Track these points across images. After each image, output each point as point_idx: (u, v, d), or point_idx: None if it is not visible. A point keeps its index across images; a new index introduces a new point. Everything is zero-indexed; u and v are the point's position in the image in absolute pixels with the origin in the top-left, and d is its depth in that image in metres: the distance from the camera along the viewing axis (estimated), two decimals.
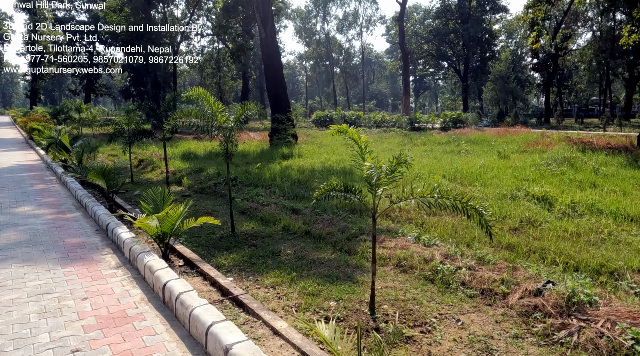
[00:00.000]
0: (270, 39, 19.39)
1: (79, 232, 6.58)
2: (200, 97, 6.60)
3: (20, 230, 6.72)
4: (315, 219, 7.61)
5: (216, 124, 6.57)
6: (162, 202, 5.15)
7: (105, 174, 6.95)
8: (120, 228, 5.94)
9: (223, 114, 6.65)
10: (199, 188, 11.01)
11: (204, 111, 6.66)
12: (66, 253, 5.62)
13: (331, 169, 13.05)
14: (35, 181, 10.94)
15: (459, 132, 29.97)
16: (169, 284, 3.96)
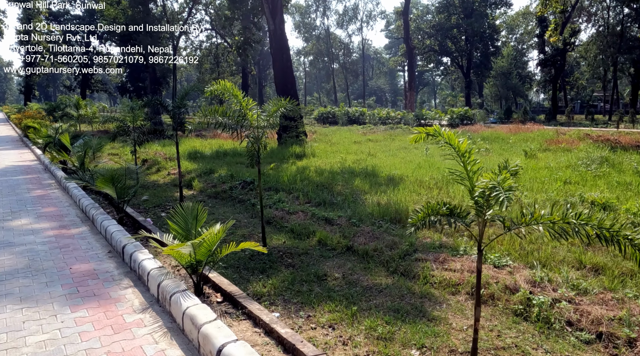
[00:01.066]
0: (280, 32, 18.39)
1: (88, 254, 5.50)
2: (227, 91, 5.64)
3: (16, 252, 5.62)
4: (354, 231, 6.68)
5: (247, 123, 5.62)
6: (195, 221, 4.19)
7: (115, 180, 5.99)
8: (140, 252, 4.90)
9: (254, 111, 5.69)
10: (213, 192, 10.06)
11: (232, 108, 5.70)
12: (75, 287, 4.51)
13: (352, 171, 12.10)
14: (32, 186, 9.94)
15: (469, 129, 29.09)
16: (228, 352, 2.91)
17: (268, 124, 5.77)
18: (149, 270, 4.27)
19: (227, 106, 5.84)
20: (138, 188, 6.66)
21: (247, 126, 5.66)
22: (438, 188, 9.77)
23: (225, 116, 5.64)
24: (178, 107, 7.92)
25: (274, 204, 8.54)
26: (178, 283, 3.79)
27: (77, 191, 7.98)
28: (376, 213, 7.60)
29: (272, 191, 9.77)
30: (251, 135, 5.82)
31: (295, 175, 11.39)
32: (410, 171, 11.77)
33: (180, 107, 7.94)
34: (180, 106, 7.96)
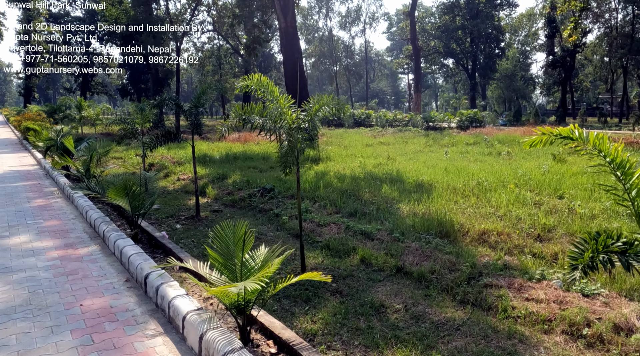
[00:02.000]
0: (292, 30, 17.61)
1: (102, 284, 4.50)
2: (262, 87, 4.83)
3: (14, 281, 4.60)
4: (399, 248, 5.86)
5: (285, 123, 4.80)
6: (242, 247, 3.35)
7: (129, 191, 5.17)
8: (168, 285, 3.87)
9: (293, 110, 4.89)
10: (229, 201, 9.24)
11: (268, 108, 4.89)
12: (89, 335, 3.50)
13: (375, 176, 11.29)
14: (32, 194, 9.10)
15: (481, 132, 28.34)
16: None
17: (309, 125, 4.95)
18: (185, 314, 3.32)
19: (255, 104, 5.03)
20: (155, 199, 5.84)
21: (285, 127, 4.84)
22: (475, 196, 8.96)
23: (263, 116, 4.82)
24: (196, 107, 7.11)
25: (301, 215, 7.71)
26: (229, 337, 2.83)
27: (84, 201, 7.13)
28: (418, 226, 6.78)
29: (295, 199, 8.93)
30: (287, 138, 5.00)
31: (316, 181, 10.57)
32: (438, 176, 10.96)
33: (197, 107, 7.13)
34: (197, 106, 7.14)
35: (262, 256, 3.34)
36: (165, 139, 7.41)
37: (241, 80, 4.96)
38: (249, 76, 4.92)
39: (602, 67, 58.17)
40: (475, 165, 13.18)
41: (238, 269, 3.16)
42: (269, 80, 4.92)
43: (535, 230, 6.64)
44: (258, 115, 4.85)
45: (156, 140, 7.38)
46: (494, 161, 14.44)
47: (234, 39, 55.18)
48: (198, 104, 7.35)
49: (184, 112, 7.53)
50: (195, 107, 7.11)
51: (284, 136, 4.85)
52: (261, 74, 5.13)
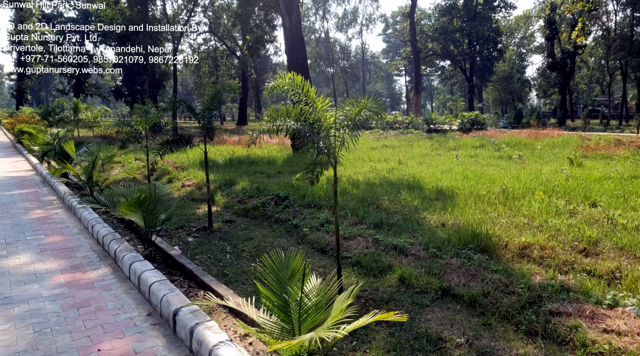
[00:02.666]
0: (296, 30, 17.06)
1: (120, 319, 3.78)
2: (295, 87, 4.28)
3: (16, 317, 3.84)
4: (440, 265, 5.32)
5: (323, 128, 4.26)
6: (300, 284, 2.76)
7: (143, 205, 4.58)
8: (206, 328, 3.13)
9: (330, 113, 4.34)
10: (241, 210, 8.66)
11: (299, 109, 4.35)
12: None
13: (391, 182, 10.76)
14: (30, 204, 8.45)
15: (485, 135, 27.95)
16: None
17: (349, 129, 4.41)
18: None
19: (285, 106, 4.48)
20: (172, 215, 5.24)
21: (323, 133, 4.29)
22: (502, 204, 8.46)
23: (299, 121, 4.27)
24: (209, 110, 6.54)
25: (322, 226, 7.16)
26: None
27: (88, 213, 6.50)
28: (454, 239, 6.24)
29: (313, 208, 8.39)
30: (319, 143, 4.45)
31: (329, 187, 10.01)
32: (457, 182, 10.45)
33: (211, 110, 6.56)
34: (211, 109, 6.57)
35: (316, 290, 2.77)
36: (177, 144, 6.83)
37: (272, 80, 4.40)
38: (281, 74, 4.38)
39: (599, 70, 58.15)
40: (491, 170, 12.69)
41: (294, 311, 2.59)
42: (302, 79, 4.37)
43: (580, 243, 6.13)
44: (294, 119, 4.29)
45: (166, 146, 6.80)
46: (508, 165, 13.96)
47: (231, 40, 54.54)
48: (211, 106, 6.78)
49: (196, 116, 6.96)
50: (209, 110, 6.54)
51: (321, 141, 4.29)
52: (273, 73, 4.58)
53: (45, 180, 10.74)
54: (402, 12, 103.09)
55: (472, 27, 53.56)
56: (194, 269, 4.65)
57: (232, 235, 7.03)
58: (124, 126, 9.68)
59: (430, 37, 59.09)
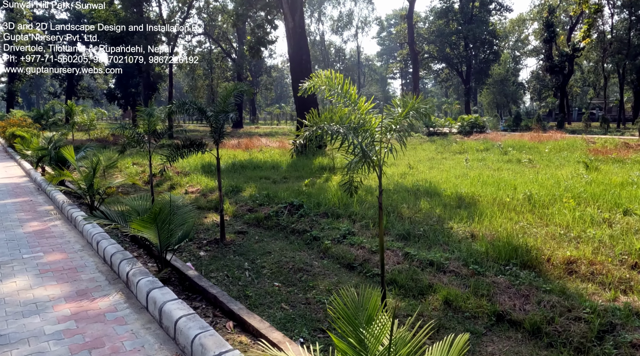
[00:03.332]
0: (300, 30, 16.53)
1: None
2: (334, 88, 3.76)
3: None
4: (485, 284, 4.81)
5: (368, 133, 3.73)
6: (383, 334, 2.19)
7: (159, 220, 4.00)
8: None
9: (375, 116, 3.82)
10: (253, 219, 8.09)
11: (340, 111, 3.82)
12: None
13: (405, 188, 10.24)
14: (25, 215, 7.77)
15: (486, 138, 27.59)
16: None
17: (396, 132, 3.89)
18: None
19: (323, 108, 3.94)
20: (190, 231, 4.65)
21: (367, 138, 3.76)
22: (529, 212, 7.97)
23: (343, 124, 3.73)
24: (224, 112, 5.98)
25: (344, 238, 6.62)
26: None
27: (92, 227, 5.85)
28: (492, 253, 5.73)
29: (330, 217, 7.84)
30: (365, 150, 3.92)
31: (344, 195, 9.46)
32: (476, 188, 9.96)
33: (226, 112, 6.00)
34: (226, 111, 6.01)
35: (400, 338, 2.22)
36: (188, 150, 6.26)
37: (307, 80, 3.87)
38: (316, 73, 3.85)
39: (594, 73, 58.26)
40: (506, 174, 12.22)
41: None
42: (342, 77, 3.84)
43: (629, 257, 5.65)
44: (338, 123, 3.75)
45: (177, 151, 6.22)
46: (521, 170, 13.50)
47: (226, 43, 53.96)
48: (225, 108, 6.22)
49: (207, 118, 6.40)
50: (224, 112, 5.98)
51: (366, 149, 3.76)
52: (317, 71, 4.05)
53: (40, 187, 10.06)
54: (399, 14, 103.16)
55: (468, 29, 53.40)
56: (218, 295, 4.08)
57: (247, 248, 6.48)
58: (125, 130, 9.08)
59: (426, 39, 58.90)
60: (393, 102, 4.07)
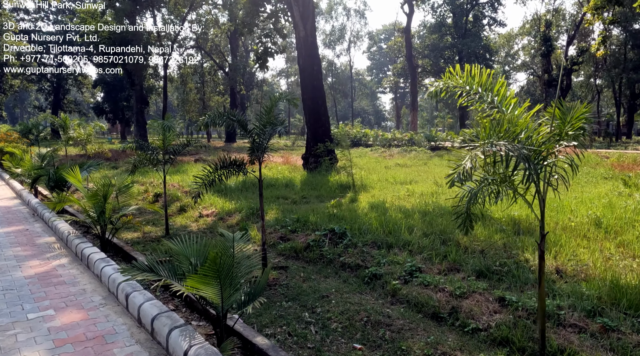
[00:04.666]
0: (311, 39, 15.61)
1: None
2: (478, 87, 2.73)
3: None
4: (627, 345, 3.75)
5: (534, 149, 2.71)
6: None
7: (221, 272, 2.87)
8: None
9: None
10: (289, 250, 6.98)
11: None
12: None
13: (448, 210, 9.21)
14: (22, 250, 6.41)
15: None
16: None
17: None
18: None
19: None
20: (263, 288, 3.48)
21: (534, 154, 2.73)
22: (604, 239, 7.01)
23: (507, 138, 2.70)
24: (272, 124, 4.92)
25: (412, 276, 5.54)
26: None
27: (111, 270, 4.54)
28: (605, 297, 4.70)
29: (382, 248, 6.75)
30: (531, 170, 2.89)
31: (381, 217, 8.39)
32: (526, 209, 8.97)
33: (273, 124, 4.94)
34: (272, 123, 4.95)
35: None
36: (228, 170, 5.15)
37: (439, 80, 2.85)
38: (452, 71, 2.83)
39: (587, 87, 58.57)
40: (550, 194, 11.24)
41: None
42: (488, 73, 2.82)
43: None
44: (506, 137, 2.72)
45: (213, 173, 5.11)
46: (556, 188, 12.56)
47: (219, 56, 53.00)
48: (269, 121, 5.15)
49: (248, 133, 5.32)
50: (271, 124, 4.91)
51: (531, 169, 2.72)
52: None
53: (35, 212, 8.76)
54: (389, 29, 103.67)
55: (463, 44, 53.29)
56: None
57: (296, 290, 5.36)
58: (136, 148, 7.95)
59: (420, 53, 58.73)
60: (548, 111, 3.05)
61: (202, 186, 5.23)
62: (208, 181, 5.15)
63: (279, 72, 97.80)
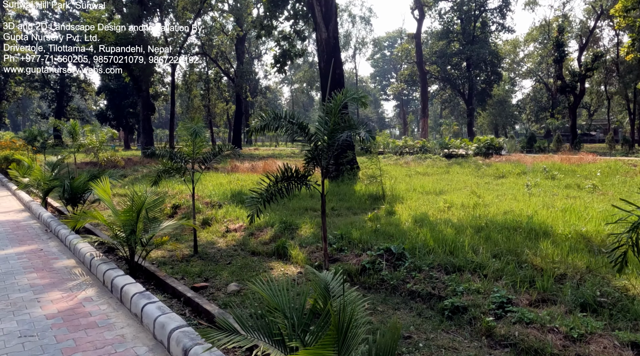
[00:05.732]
0: (334, 41, 14.82)
1: None
2: None
3: None
4: None
5: None
6: None
7: (339, 337, 2.03)
8: None
9: None
10: (341, 272, 6.06)
11: None
12: None
13: (501, 224, 8.32)
14: (39, 277, 5.48)
15: (510, 159, 26.09)
16: None
17: None
18: None
19: None
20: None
21: None
22: None
23: None
24: (350, 128, 4.06)
25: (503, 311, 4.64)
26: None
27: (157, 308, 3.60)
28: None
29: (452, 272, 5.85)
30: None
31: (433, 234, 7.50)
32: (582, 221, 8.07)
33: (351, 128, 4.09)
34: (350, 127, 4.10)
35: None
36: (288, 183, 4.29)
37: None
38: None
39: (597, 94, 57.89)
40: (601, 206, 10.34)
41: None
42: None
43: None
44: None
45: (273, 186, 4.25)
46: (598, 198, 11.69)
47: (225, 62, 52.37)
48: (338, 123, 4.31)
49: (309, 137, 4.46)
50: (350, 128, 4.06)
51: None
52: None
53: (48, 227, 7.87)
54: (392, 37, 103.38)
55: (472, 50, 52.66)
56: None
57: (367, 327, 4.45)
58: (163, 157, 7.11)
59: (427, 60, 58.12)
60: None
61: (260, 202, 4.36)
62: (267, 195, 4.29)
63: (282, 79, 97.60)
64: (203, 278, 5.96)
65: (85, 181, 7.66)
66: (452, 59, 55.70)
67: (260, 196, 4.31)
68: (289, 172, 4.34)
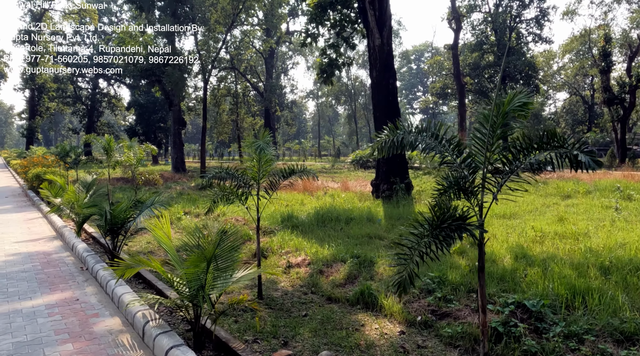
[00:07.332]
0: (388, 48, 13.51)
1: None
2: None
3: None
4: None
5: None
6: None
7: None
8: None
9: None
10: (460, 337, 4.61)
11: None
12: None
13: (632, 263, 6.68)
14: (76, 351, 4.03)
15: (562, 177, 24.13)
16: None
17: None
18: None
19: None
20: None
21: None
22: None
23: None
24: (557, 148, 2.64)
25: None
26: None
27: None
28: None
29: (619, 340, 4.31)
30: None
31: (555, 277, 5.95)
32: None
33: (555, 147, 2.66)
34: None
35: None
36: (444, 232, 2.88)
37: None
38: None
39: None
40: None
41: None
42: None
43: None
44: None
45: (431, 233, 2.82)
46: None
47: (254, 76, 51.87)
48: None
49: (464, 160, 3.04)
50: (554, 148, 2.64)
51: None
52: None
53: (84, 264, 6.63)
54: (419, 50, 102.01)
55: (507, 62, 50.65)
56: None
57: None
58: (218, 177, 5.83)
59: (461, 73, 56.29)
60: None
61: (413, 261, 2.95)
62: (420, 250, 2.87)
63: (308, 93, 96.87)
64: (281, 341, 4.58)
65: (126, 209, 6.43)
66: (486, 71, 53.76)
67: (411, 251, 2.91)
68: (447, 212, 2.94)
